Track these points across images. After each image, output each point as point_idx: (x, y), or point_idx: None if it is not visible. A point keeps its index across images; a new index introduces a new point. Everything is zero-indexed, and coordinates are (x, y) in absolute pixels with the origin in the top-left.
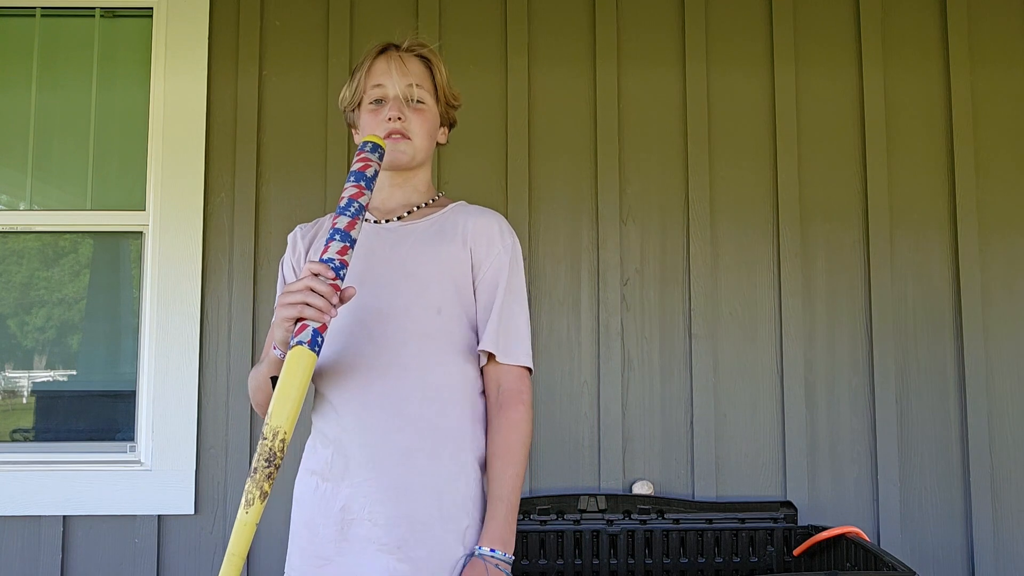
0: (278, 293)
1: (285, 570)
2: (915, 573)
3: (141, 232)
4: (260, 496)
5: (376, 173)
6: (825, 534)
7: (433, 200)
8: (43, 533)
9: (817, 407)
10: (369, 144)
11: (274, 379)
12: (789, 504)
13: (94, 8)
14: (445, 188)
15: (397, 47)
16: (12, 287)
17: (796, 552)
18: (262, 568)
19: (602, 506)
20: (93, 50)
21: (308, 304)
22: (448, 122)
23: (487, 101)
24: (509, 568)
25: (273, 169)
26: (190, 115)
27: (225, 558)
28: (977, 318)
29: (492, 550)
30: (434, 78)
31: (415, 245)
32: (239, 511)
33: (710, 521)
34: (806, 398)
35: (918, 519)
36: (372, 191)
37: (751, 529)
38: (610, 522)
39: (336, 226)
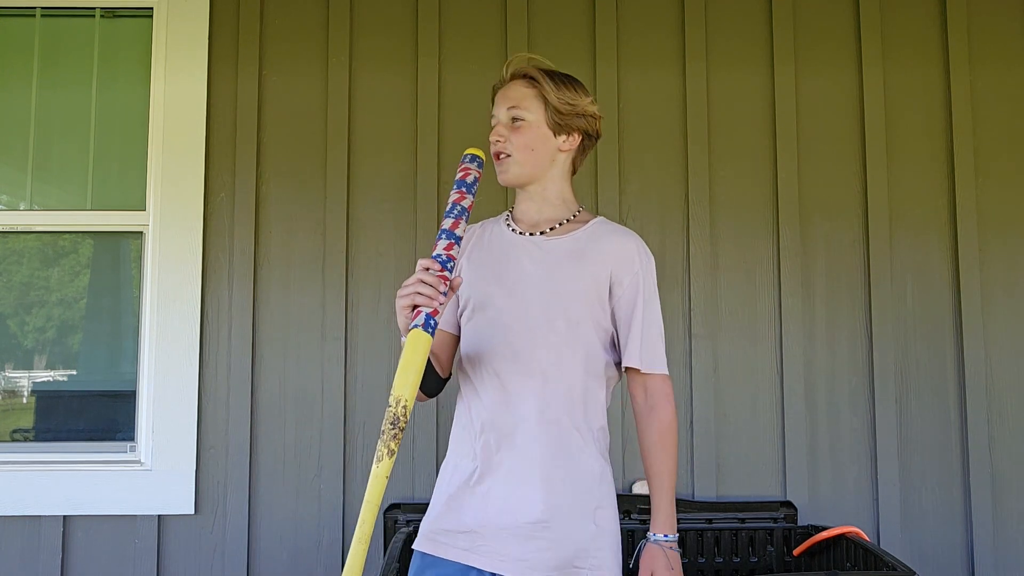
0: None
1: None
2: (915, 573)
3: (141, 232)
4: (388, 453)
5: (476, 180)
6: (825, 534)
7: (575, 215)
8: (43, 533)
9: (817, 407)
10: (468, 155)
11: (426, 374)
12: (789, 504)
13: (94, 8)
14: (445, 188)
15: (509, 77)
16: (12, 287)
17: (796, 552)
18: (262, 569)
19: None
20: (93, 50)
21: (419, 293)
22: (572, 130)
23: (486, 100)
24: (678, 546)
25: (273, 169)
26: (190, 115)
27: (363, 506)
28: (977, 318)
29: (665, 535)
30: (539, 94)
31: (560, 262)
32: (373, 467)
33: (710, 521)
34: (806, 398)
35: (918, 519)
36: (473, 195)
37: (751, 529)
38: None
39: (443, 227)
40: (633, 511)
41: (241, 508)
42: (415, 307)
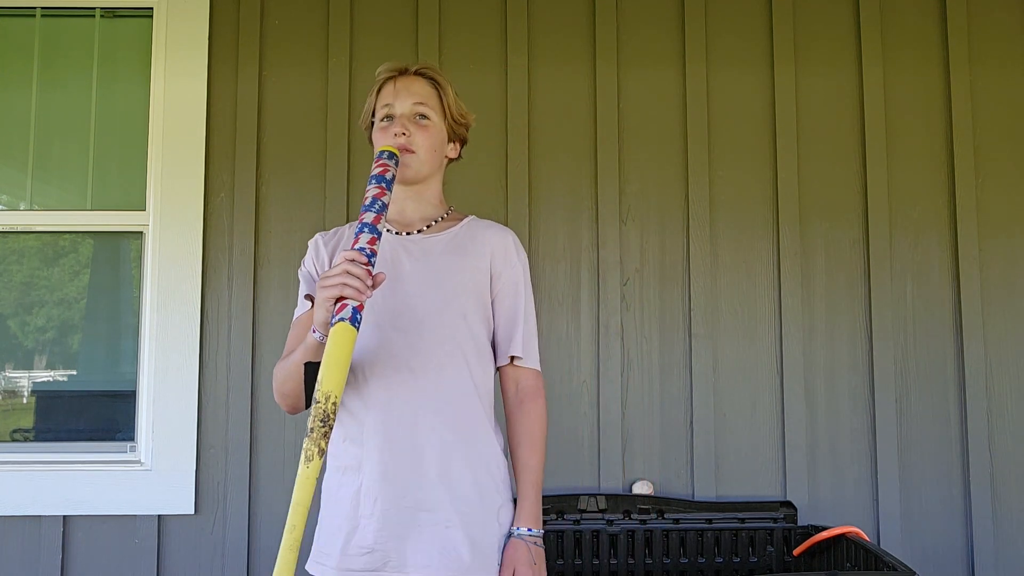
0: (300, 296)
1: (314, 558)
2: (915, 573)
3: (141, 232)
4: (318, 452)
5: (394, 176)
6: (825, 534)
7: (448, 214)
8: (43, 533)
9: (817, 407)
10: (386, 152)
11: (307, 364)
12: (789, 504)
13: (94, 8)
14: (445, 189)
15: (406, 70)
16: (12, 287)
17: (796, 552)
18: (262, 569)
19: (602, 506)
20: (93, 50)
21: (347, 284)
22: (458, 139)
23: (487, 101)
24: (542, 541)
25: (273, 169)
26: (190, 115)
27: (292, 508)
28: (977, 317)
29: (529, 529)
30: (441, 98)
31: (440, 257)
32: (300, 467)
33: (710, 521)
34: (806, 398)
35: (918, 519)
36: (392, 192)
37: (751, 529)
38: (610, 522)
39: (364, 220)
40: (633, 511)
41: (241, 508)
42: (339, 300)
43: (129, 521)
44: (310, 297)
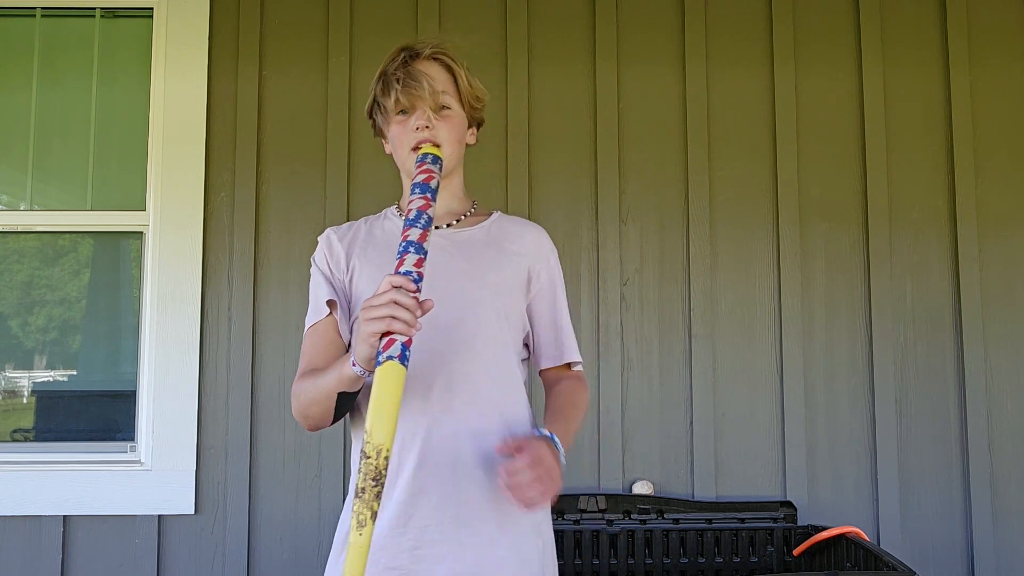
0: (312, 293)
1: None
2: (915, 573)
3: (141, 232)
4: (371, 516)
5: (439, 184)
6: (825, 534)
7: (474, 208)
8: (43, 533)
9: (816, 407)
10: (429, 156)
11: (341, 394)
12: (789, 504)
13: (94, 8)
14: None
15: (418, 54)
16: (12, 287)
17: (796, 552)
18: (262, 569)
19: (602, 506)
20: (93, 50)
21: (395, 317)
22: (475, 122)
23: (487, 100)
24: (563, 459)
25: (273, 169)
26: (190, 115)
27: None
28: (976, 318)
29: (553, 436)
30: (457, 82)
31: (478, 253)
32: (351, 534)
33: (710, 521)
34: (806, 398)
35: (918, 519)
36: (436, 202)
37: (751, 529)
38: (610, 522)
39: (408, 238)
40: (633, 511)
41: (241, 508)
42: (386, 334)
43: (129, 521)
44: (333, 303)
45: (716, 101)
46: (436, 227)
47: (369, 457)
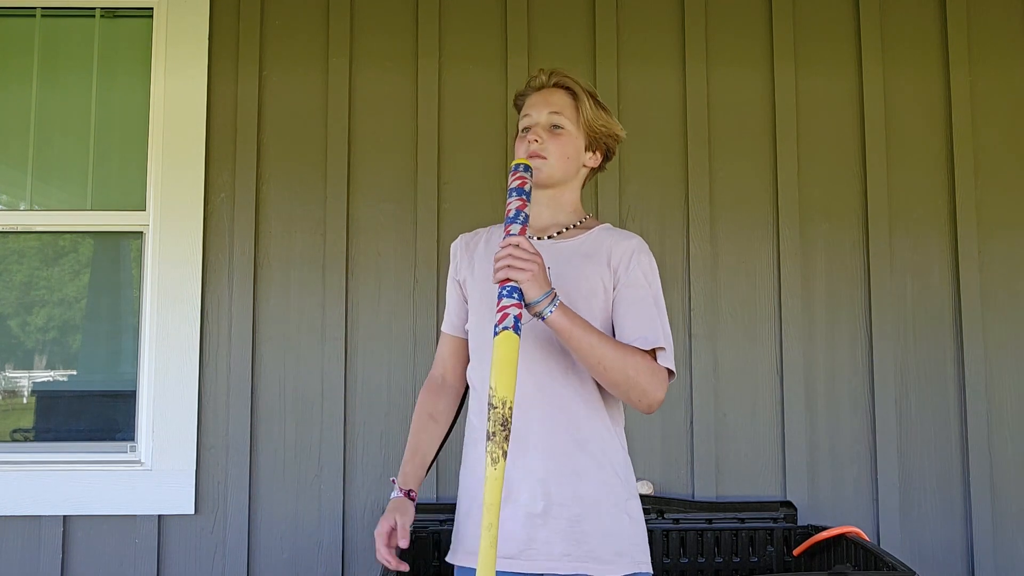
0: (447, 307)
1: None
2: (915, 573)
3: (141, 232)
4: (503, 455)
5: (531, 188)
6: (825, 534)
7: (582, 221)
8: (43, 533)
9: (817, 407)
10: (521, 165)
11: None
12: (789, 504)
13: (94, 8)
14: (445, 188)
15: (543, 85)
16: (12, 287)
17: (796, 552)
18: (262, 569)
19: None
20: (93, 50)
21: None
22: (599, 148)
23: (487, 100)
24: (553, 314)
25: (273, 169)
26: (190, 115)
27: (484, 509)
28: (976, 318)
29: (556, 294)
30: (577, 107)
31: (570, 262)
32: (486, 469)
33: (710, 521)
34: (806, 398)
35: (918, 519)
36: (531, 202)
37: (751, 529)
38: None
39: (510, 232)
40: None
41: (241, 508)
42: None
43: (129, 521)
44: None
45: (716, 101)
46: (539, 238)
47: (496, 407)
